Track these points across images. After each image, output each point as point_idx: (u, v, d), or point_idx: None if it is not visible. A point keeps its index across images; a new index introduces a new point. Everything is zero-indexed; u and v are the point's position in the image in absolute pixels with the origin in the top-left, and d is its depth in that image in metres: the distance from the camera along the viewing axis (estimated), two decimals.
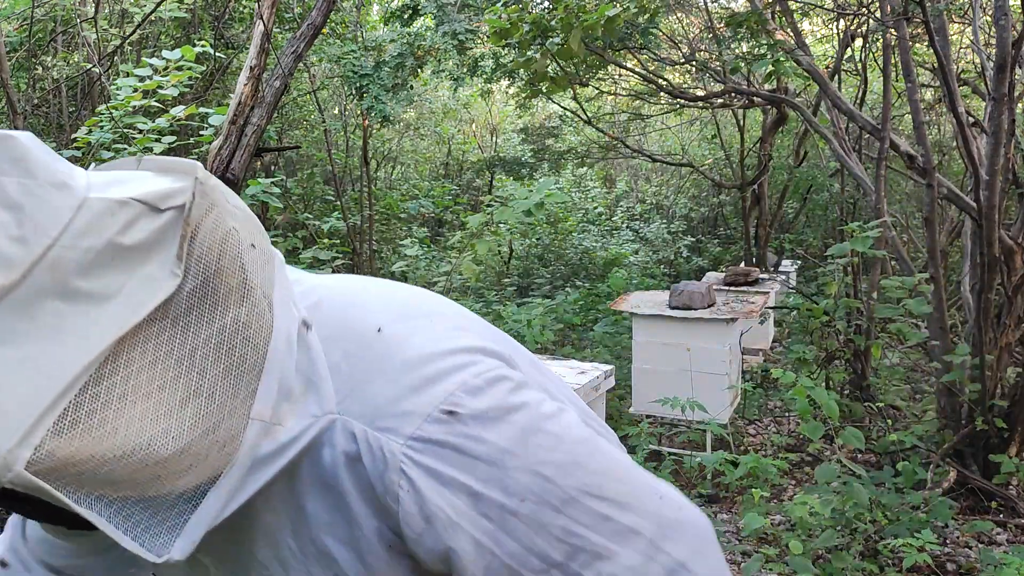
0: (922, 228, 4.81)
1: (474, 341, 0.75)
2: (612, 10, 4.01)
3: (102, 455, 0.59)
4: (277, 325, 0.68)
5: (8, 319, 0.58)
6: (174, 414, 0.62)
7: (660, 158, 9.78)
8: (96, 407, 0.59)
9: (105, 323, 0.60)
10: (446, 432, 0.67)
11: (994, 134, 3.63)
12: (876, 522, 3.13)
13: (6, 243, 0.58)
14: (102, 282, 0.60)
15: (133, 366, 0.61)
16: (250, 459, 0.66)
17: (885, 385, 5.06)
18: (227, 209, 0.67)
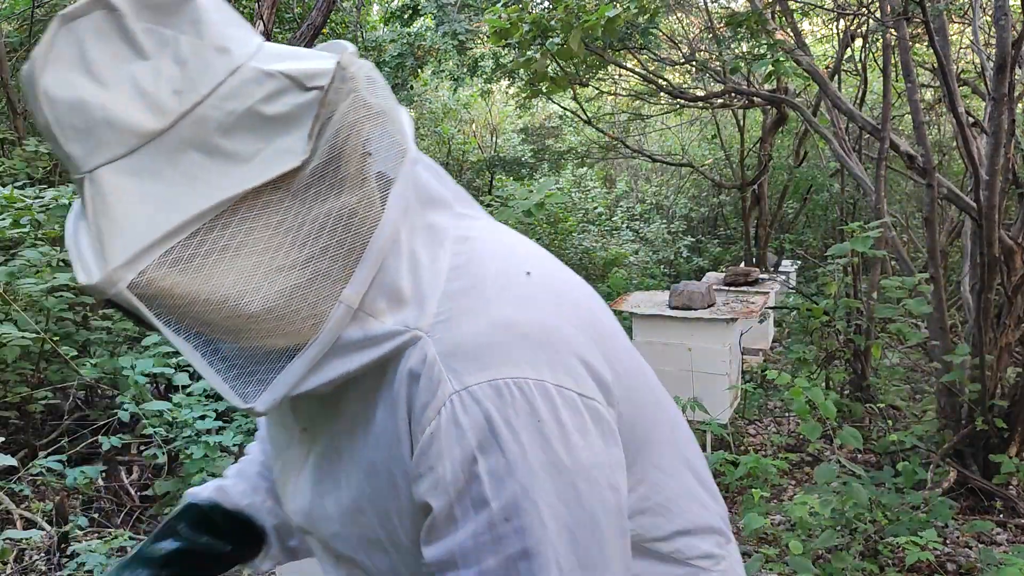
0: (922, 228, 4.81)
1: (591, 355, 0.74)
2: (612, 10, 4.01)
3: (195, 296, 0.66)
4: (385, 220, 0.70)
5: (152, 159, 0.66)
6: (268, 277, 0.67)
7: (660, 158, 9.78)
8: (200, 252, 0.66)
9: (232, 181, 0.66)
10: (498, 406, 0.67)
11: (994, 134, 3.63)
12: (876, 522, 3.12)
13: (166, 94, 0.66)
14: (240, 144, 0.67)
15: (244, 225, 0.67)
16: (333, 338, 0.69)
17: (885, 385, 5.06)
18: (364, 100, 0.69)
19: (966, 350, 3.74)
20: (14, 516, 3.30)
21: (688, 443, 0.91)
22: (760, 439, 4.98)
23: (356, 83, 0.69)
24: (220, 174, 0.66)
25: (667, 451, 0.86)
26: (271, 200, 0.67)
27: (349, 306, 0.69)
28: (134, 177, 0.66)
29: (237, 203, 0.67)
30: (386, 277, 0.71)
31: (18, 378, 4.00)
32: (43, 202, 3.67)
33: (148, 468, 3.90)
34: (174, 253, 0.65)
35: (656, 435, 0.85)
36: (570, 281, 0.81)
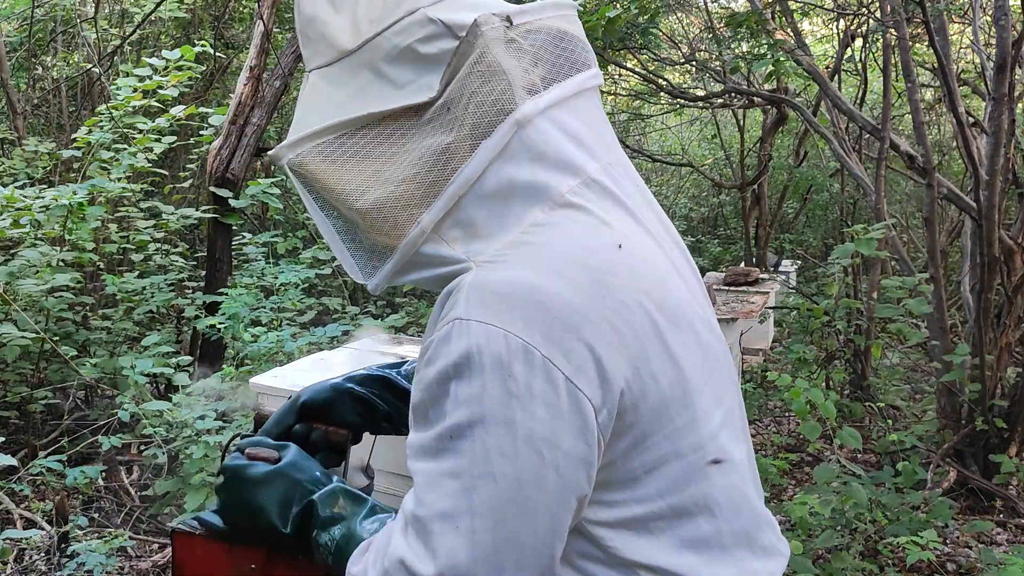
0: (922, 228, 4.81)
1: (608, 353, 0.76)
2: (613, 11, 4.01)
3: (328, 183, 0.83)
4: (465, 166, 0.80)
5: (341, 71, 0.84)
6: (378, 185, 0.82)
7: (660, 158, 9.77)
8: (341, 150, 0.83)
9: (384, 101, 0.82)
10: (481, 346, 0.74)
11: (994, 134, 3.63)
12: (876, 522, 3.12)
13: (365, 22, 0.83)
14: (399, 73, 0.82)
15: (378, 138, 0.82)
16: (411, 250, 0.83)
17: (885, 385, 5.06)
18: (488, 58, 0.80)
19: (966, 350, 3.74)
20: (14, 516, 3.30)
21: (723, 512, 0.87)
22: (760, 439, 4.97)
23: (486, 41, 0.80)
24: (379, 93, 0.82)
25: (685, 492, 0.84)
26: (403, 124, 0.82)
27: (423, 229, 0.81)
28: (328, 82, 0.85)
29: (381, 120, 0.82)
30: (463, 213, 0.81)
31: (18, 378, 4.00)
32: (43, 202, 3.67)
33: (148, 468, 3.90)
34: (324, 146, 0.83)
35: (675, 469, 0.83)
36: (649, 292, 0.82)
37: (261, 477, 0.91)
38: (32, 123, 6.61)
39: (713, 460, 0.86)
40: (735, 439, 0.91)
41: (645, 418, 0.80)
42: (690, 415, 0.84)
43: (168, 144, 4.24)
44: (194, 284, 5.14)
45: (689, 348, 0.85)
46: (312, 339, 4.13)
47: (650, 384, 0.80)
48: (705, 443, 0.85)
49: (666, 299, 0.83)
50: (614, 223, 0.84)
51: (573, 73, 0.87)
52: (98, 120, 4.20)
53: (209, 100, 6.79)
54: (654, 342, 0.80)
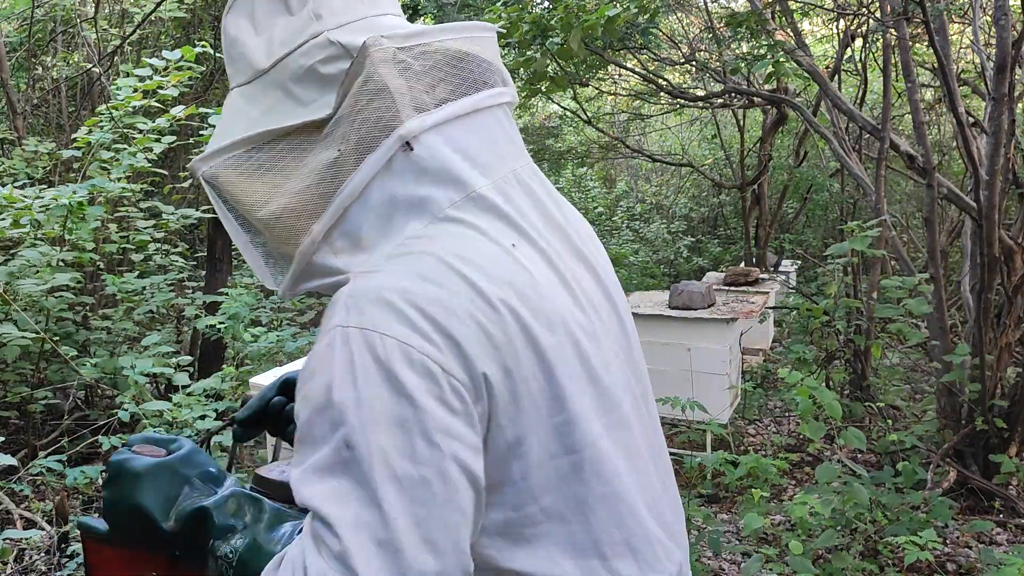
0: (922, 228, 4.81)
1: (476, 351, 0.78)
2: (612, 10, 4.01)
3: (236, 193, 0.89)
4: (351, 179, 0.85)
5: (256, 89, 0.90)
6: (276, 196, 0.87)
7: (660, 158, 9.77)
8: (248, 162, 0.88)
9: (290, 117, 0.87)
10: (360, 351, 0.76)
11: (994, 134, 3.63)
12: (876, 522, 3.12)
13: (277, 43, 0.88)
14: (304, 91, 0.87)
15: (280, 152, 0.87)
16: (304, 259, 0.87)
17: (885, 385, 5.06)
18: (374, 78, 0.84)
19: (966, 350, 3.74)
20: (14, 516, 3.30)
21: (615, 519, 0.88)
22: (760, 439, 4.97)
23: (373, 62, 0.84)
24: (286, 111, 0.87)
25: (561, 496, 0.84)
26: (304, 140, 0.87)
27: (313, 239, 0.86)
28: (245, 100, 0.91)
29: (284, 135, 0.87)
30: (349, 224, 0.86)
31: (18, 378, 4.00)
32: (43, 202, 3.67)
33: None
34: (234, 159, 0.88)
35: (550, 474, 0.83)
36: (523, 297, 0.84)
37: (143, 469, 0.89)
38: (32, 123, 6.61)
39: (588, 466, 0.86)
40: (627, 452, 0.91)
41: (519, 419, 0.81)
42: (563, 419, 0.84)
43: (168, 144, 4.24)
44: (194, 284, 5.15)
45: (566, 355, 0.85)
46: (312, 339, 4.13)
47: (521, 387, 0.81)
48: (581, 448, 0.85)
49: (543, 305, 0.85)
50: (494, 235, 0.87)
51: (470, 92, 0.89)
52: (98, 120, 4.20)
53: (209, 100, 6.79)
54: (525, 346, 0.82)
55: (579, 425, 0.85)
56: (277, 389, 1.11)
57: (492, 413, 0.79)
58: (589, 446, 0.86)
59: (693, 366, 4.33)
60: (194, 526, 0.87)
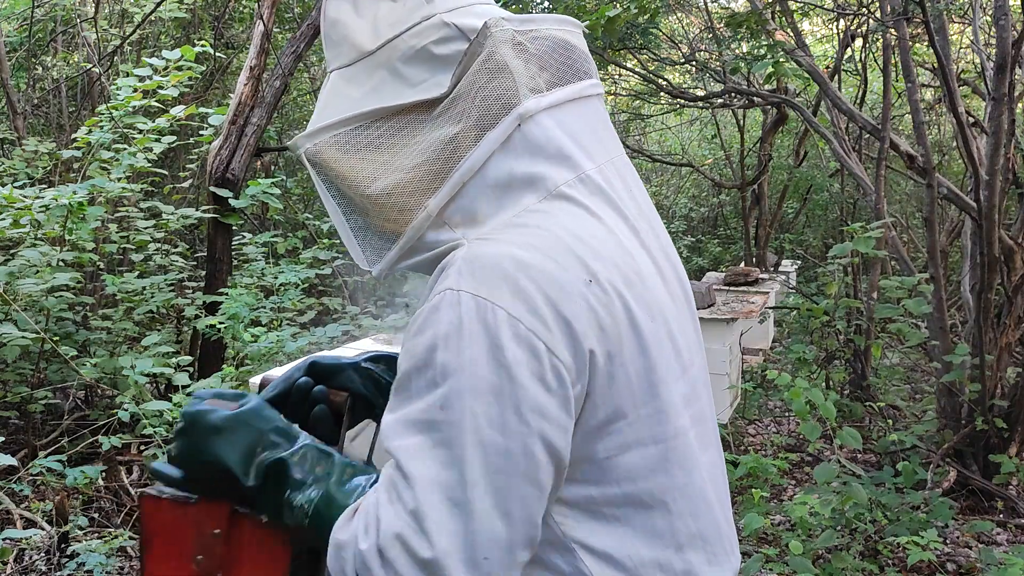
0: (922, 228, 4.81)
1: (584, 330, 0.79)
2: (612, 10, 4.01)
3: (342, 171, 0.90)
4: (469, 156, 0.86)
5: (359, 71, 0.92)
6: (388, 172, 0.88)
7: (660, 158, 9.77)
8: (355, 141, 0.90)
9: (399, 97, 0.89)
10: (470, 316, 0.78)
11: (994, 134, 3.63)
12: (876, 522, 3.12)
13: (385, 26, 0.91)
14: (413, 72, 0.89)
15: (391, 130, 0.89)
16: (416, 234, 0.88)
17: (885, 385, 5.06)
18: (495, 57, 0.87)
19: (966, 350, 3.74)
20: (14, 516, 3.29)
21: (691, 506, 0.89)
22: (760, 439, 4.97)
23: (495, 41, 0.87)
24: (393, 91, 0.89)
25: (646, 483, 0.86)
26: (416, 118, 0.88)
27: (429, 213, 0.87)
28: (347, 82, 0.92)
29: (393, 114, 0.89)
30: (466, 200, 0.87)
31: (18, 378, 4.00)
32: (43, 202, 3.66)
33: (148, 468, 3.90)
34: (340, 137, 0.90)
35: (638, 459, 0.85)
36: (630, 283, 0.85)
37: (221, 423, 0.88)
38: (32, 123, 6.61)
39: (675, 456, 0.88)
40: (704, 445, 0.93)
41: (612, 402, 0.82)
42: (656, 407, 0.86)
43: (168, 144, 4.24)
44: (194, 284, 5.14)
45: (662, 344, 0.87)
46: (312, 339, 4.13)
47: (619, 370, 0.82)
48: (669, 438, 0.87)
49: (644, 293, 0.87)
50: (604, 217, 0.89)
51: (575, 80, 0.92)
52: (98, 120, 4.19)
53: (209, 100, 6.79)
54: (628, 330, 0.83)
55: (670, 415, 0.87)
56: (304, 371, 1.08)
57: (590, 391, 0.81)
58: (677, 436, 0.88)
59: None
60: (272, 478, 0.87)
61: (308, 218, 6.51)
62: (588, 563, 0.84)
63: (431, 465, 0.75)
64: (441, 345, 0.77)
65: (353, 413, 1.07)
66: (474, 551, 0.74)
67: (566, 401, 0.79)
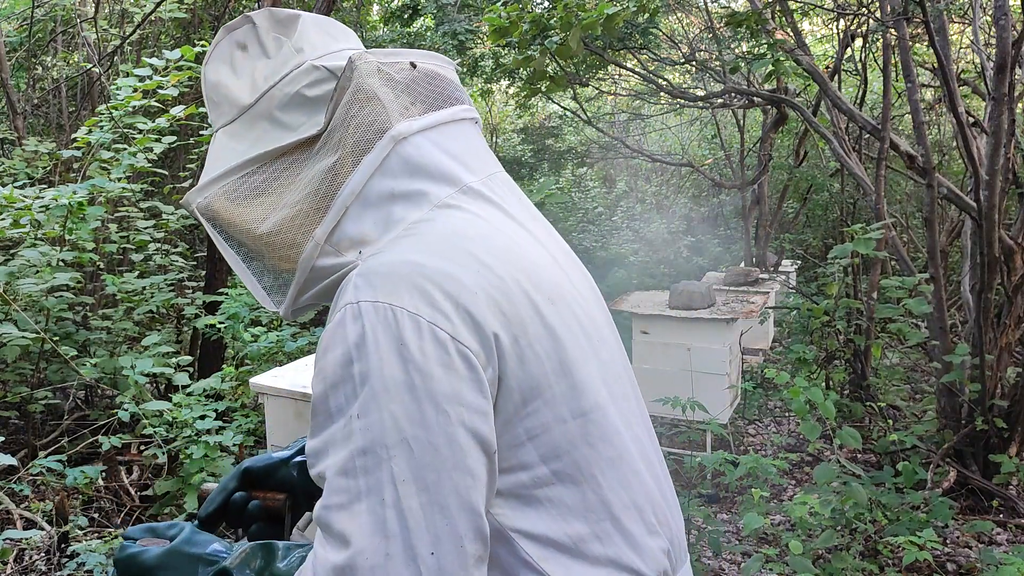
0: (922, 228, 4.81)
1: (485, 316, 0.82)
2: (611, 8, 4.01)
3: (234, 218, 0.94)
4: (348, 180, 0.90)
5: (241, 125, 0.96)
6: (276, 211, 0.92)
7: (660, 158, 9.77)
8: (243, 188, 0.94)
9: (280, 141, 0.93)
10: (372, 323, 0.80)
11: (994, 134, 3.63)
12: (876, 522, 3.12)
13: (261, 79, 0.96)
14: (291, 117, 0.94)
15: (275, 173, 0.93)
16: (308, 265, 0.91)
17: (885, 385, 5.06)
18: (363, 88, 0.92)
19: (966, 350, 3.74)
20: (14, 516, 3.30)
21: (621, 478, 0.91)
22: (760, 439, 4.98)
23: (361, 73, 0.92)
24: (274, 137, 0.94)
25: (572, 460, 0.87)
26: (298, 158, 0.93)
27: (317, 242, 0.90)
28: (231, 137, 0.97)
29: (276, 157, 0.93)
30: (350, 223, 0.90)
31: (18, 378, 4.00)
32: (43, 202, 3.66)
33: (148, 468, 3.90)
34: (228, 187, 0.94)
35: (560, 436, 0.87)
36: (526, 271, 0.89)
37: (155, 562, 0.90)
38: (32, 123, 6.61)
39: (596, 429, 0.90)
40: (628, 422, 0.96)
41: (527, 382, 0.84)
42: (570, 383, 0.88)
43: (168, 144, 4.24)
44: (194, 284, 5.14)
45: (567, 324, 0.90)
46: (312, 339, 4.13)
47: (527, 351, 0.84)
48: (588, 411, 0.89)
49: (542, 280, 0.90)
50: (491, 219, 0.93)
51: (447, 105, 0.98)
52: (98, 120, 4.19)
53: None
54: (530, 313, 0.86)
55: (586, 390, 0.89)
56: (238, 480, 1.10)
57: (502, 375, 0.83)
58: (596, 410, 0.90)
59: (693, 366, 4.33)
60: None
61: None
62: (529, 550, 0.85)
63: (359, 478, 0.76)
64: (354, 356, 0.79)
65: (296, 509, 1.09)
66: (415, 549, 0.74)
67: (480, 385, 0.80)
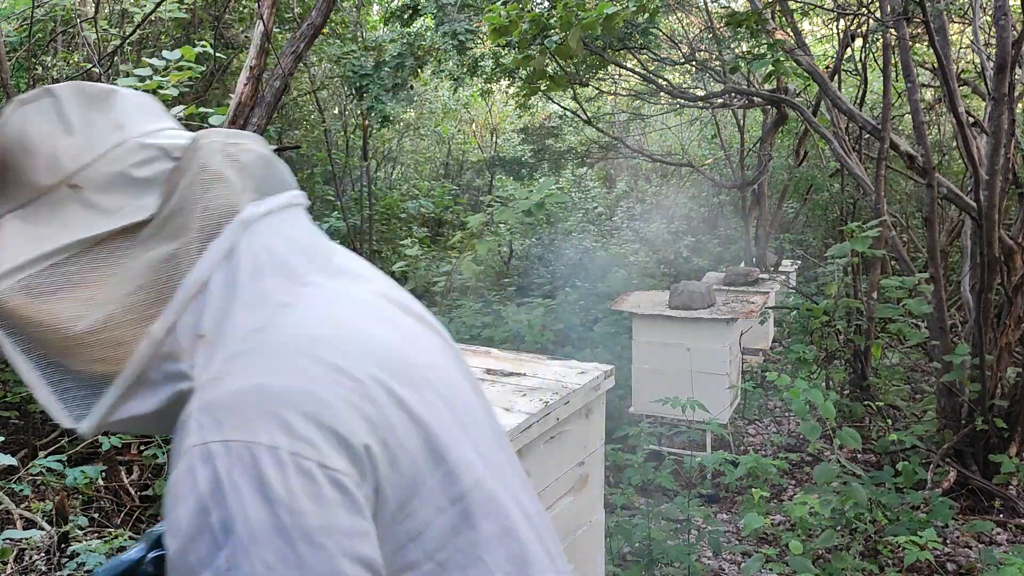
0: (922, 228, 4.81)
1: (348, 426, 0.75)
2: (611, 8, 4.01)
3: (35, 317, 0.81)
4: (200, 265, 0.81)
5: (41, 208, 0.83)
6: (97, 307, 0.80)
7: (660, 158, 9.77)
8: (48, 282, 0.81)
9: (93, 228, 0.81)
10: (226, 466, 0.71)
11: (994, 134, 3.63)
12: (876, 522, 3.13)
13: (66, 158, 0.83)
14: (110, 200, 0.83)
15: (91, 264, 0.81)
16: (139, 368, 0.81)
17: (885, 385, 5.06)
18: (207, 169, 0.84)
19: (966, 350, 3.74)
20: (14, 516, 3.30)
21: (510, 554, 0.87)
22: (760, 439, 4.98)
23: (206, 154, 0.85)
24: (86, 222, 0.82)
25: (457, 549, 0.83)
26: (120, 246, 0.82)
27: (154, 339, 0.80)
28: (25, 222, 0.83)
29: (91, 246, 0.82)
30: (191, 323, 0.80)
31: (18, 378, 3.99)
32: None
33: (148, 468, 3.90)
34: (28, 280, 0.81)
35: (441, 528, 0.83)
36: (382, 361, 0.82)
37: None
38: None
39: (477, 508, 0.85)
40: (505, 485, 0.91)
41: (400, 486, 0.79)
42: (445, 470, 0.83)
43: None
44: None
45: (430, 405, 0.84)
46: None
47: (398, 451, 0.79)
48: (466, 493, 0.84)
49: (395, 363, 0.84)
50: (343, 292, 0.87)
51: (284, 190, 0.92)
52: None
53: (209, 100, 6.79)
54: (394, 410, 0.80)
55: (461, 472, 0.84)
56: (149, 548, 1.02)
57: (379, 485, 0.77)
58: (474, 488, 0.85)
59: (693, 366, 4.33)
60: None
61: None
62: None
63: None
64: (210, 505, 0.71)
65: None
66: None
67: (355, 506, 0.74)
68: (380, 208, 9.64)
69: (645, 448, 3.97)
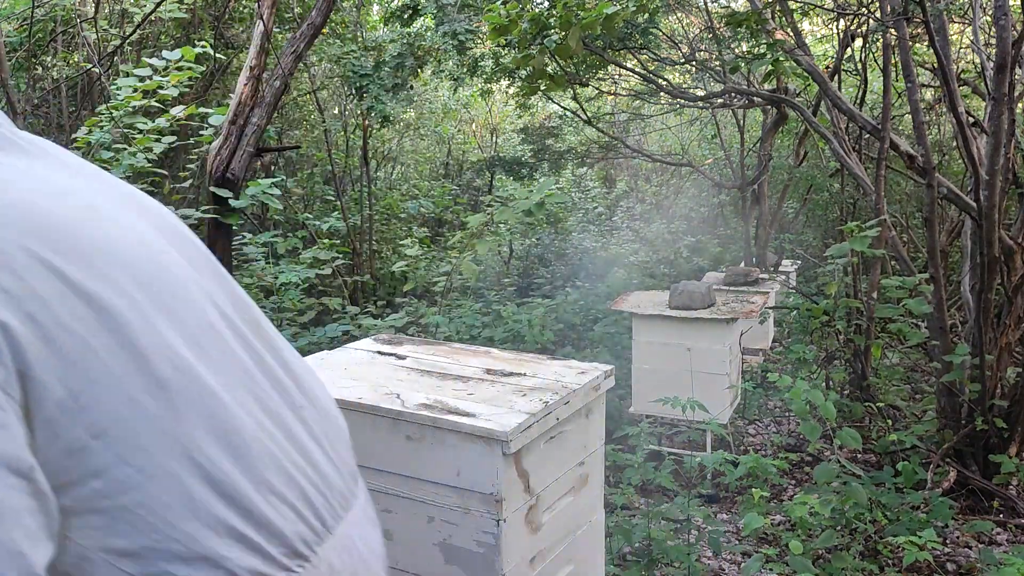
0: (922, 228, 4.81)
1: None
2: (611, 8, 4.01)
3: None
4: None
5: None
6: None
7: (660, 158, 9.77)
8: None
9: None
10: None
11: (994, 134, 3.63)
12: (876, 522, 3.12)
13: None
14: None
15: None
16: None
17: (885, 385, 5.06)
18: None
19: (966, 350, 3.74)
20: None
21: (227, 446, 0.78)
22: (760, 439, 4.98)
23: None
24: None
25: (159, 447, 0.73)
26: None
27: None
28: None
29: None
30: None
31: None
32: None
33: None
34: None
35: (137, 423, 0.72)
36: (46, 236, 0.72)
37: None
38: (32, 123, 6.61)
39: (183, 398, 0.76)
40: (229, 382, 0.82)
41: (67, 372, 0.69)
42: (134, 355, 0.74)
43: (168, 144, 4.24)
44: None
45: (118, 285, 0.75)
46: (312, 339, 4.13)
47: (56, 330, 0.69)
48: (169, 381, 0.75)
49: (73, 242, 0.74)
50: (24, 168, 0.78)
51: None
52: (98, 120, 4.19)
53: (209, 100, 6.80)
54: (50, 283, 0.70)
55: (157, 358, 0.75)
56: None
57: (24, 368, 0.67)
58: (182, 375, 0.77)
59: (693, 366, 4.33)
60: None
61: (308, 218, 6.51)
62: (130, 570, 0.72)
63: None
64: None
65: None
66: None
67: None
68: (380, 208, 9.64)
69: (645, 448, 3.96)
